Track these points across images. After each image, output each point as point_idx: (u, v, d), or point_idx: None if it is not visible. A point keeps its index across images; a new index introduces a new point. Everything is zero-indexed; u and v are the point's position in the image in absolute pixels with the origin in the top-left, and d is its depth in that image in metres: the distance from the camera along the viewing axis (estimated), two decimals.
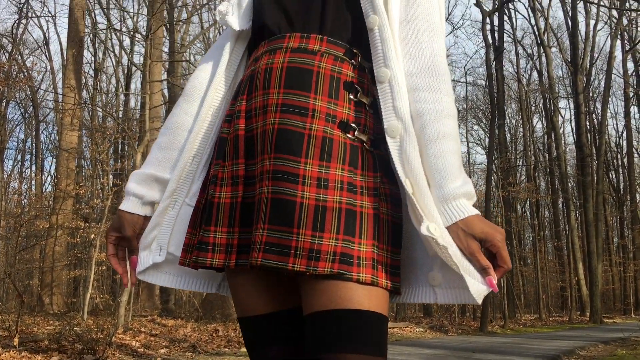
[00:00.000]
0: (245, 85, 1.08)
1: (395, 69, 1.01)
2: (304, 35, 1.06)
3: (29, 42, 21.07)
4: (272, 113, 1.00)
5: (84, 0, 13.38)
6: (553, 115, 21.20)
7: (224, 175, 1.04)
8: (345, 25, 1.07)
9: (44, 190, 21.16)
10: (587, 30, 19.95)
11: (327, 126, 0.99)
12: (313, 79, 1.02)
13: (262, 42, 1.10)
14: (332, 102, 1.01)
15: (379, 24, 1.03)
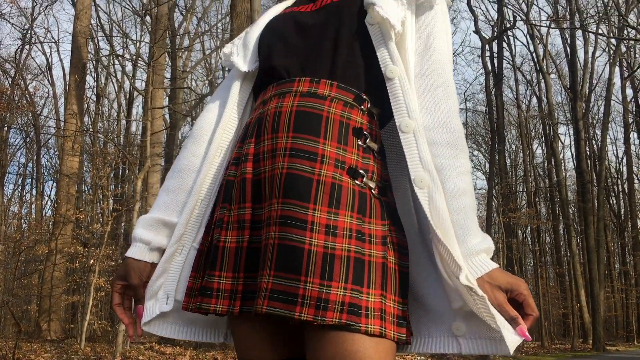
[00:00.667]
0: (253, 128, 1.07)
1: (419, 120, 1.02)
2: (314, 80, 1.06)
3: (31, 67, 21.23)
4: (280, 157, 0.99)
5: (87, 27, 13.52)
6: (553, 141, 21.26)
7: (230, 219, 1.02)
8: (355, 71, 1.07)
9: (44, 214, 21.12)
10: (586, 57, 20.11)
11: (336, 172, 0.98)
12: (322, 124, 1.01)
13: (271, 85, 1.10)
14: (341, 147, 1.01)
15: (399, 75, 1.04)
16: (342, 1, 1.13)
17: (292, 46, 1.10)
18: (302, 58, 1.08)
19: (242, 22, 10.02)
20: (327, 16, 1.11)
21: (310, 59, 1.08)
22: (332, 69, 1.07)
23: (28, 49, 19.48)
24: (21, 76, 18.96)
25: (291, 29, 1.13)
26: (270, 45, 1.13)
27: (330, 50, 1.07)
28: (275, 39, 1.13)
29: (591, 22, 18.49)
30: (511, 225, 17.65)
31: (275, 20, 1.19)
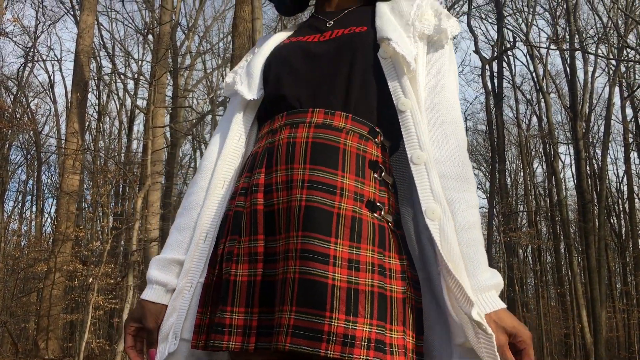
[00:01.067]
0: (262, 158, 1.05)
1: (430, 152, 1.02)
2: (328, 112, 1.05)
3: (34, 84, 21.34)
4: (298, 189, 0.97)
5: (89, 46, 13.60)
6: (553, 160, 21.28)
7: (241, 252, 0.99)
8: (369, 104, 1.07)
9: (43, 231, 21.07)
10: (586, 77, 20.19)
11: (355, 205, 0.97)
12: (340, 157, 1.00)
13: (279, 114, 1.08)
14: (359, 180, 1.00)
15: (411, 108, 1.04)
16: (353, 34, 1.13)
17: (303, 76, 1.10)
18: (315, 88, 1.08)
19: (244, 42, 10.07)
20: (339, 48, 1.11)
21: (324, 90, 1.07)
22: (346, 101, 1.06)
23: (30, 66, 19.59)
24: (23, 94, 19.05)
25: (300, 59, 1.12)
26: (278, 73, 1.12)
27: (344, 82, 1.07)
28: (283, 68, 1.12)
29: (591, 43, 18.60)
30: (512, 244, 17.60)
31: (280, 49, 1.18)
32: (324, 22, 1.21)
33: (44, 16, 18.61)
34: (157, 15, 15.66)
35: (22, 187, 22.56)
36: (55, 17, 19.20)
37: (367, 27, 1.14)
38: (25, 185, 22.49)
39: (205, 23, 22.25)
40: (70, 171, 11.21)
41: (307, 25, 1.23)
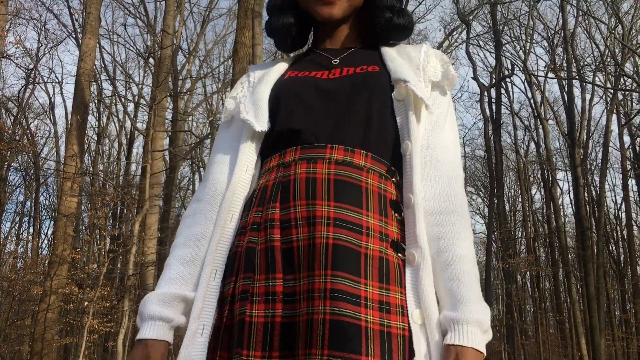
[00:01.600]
0: (275, 192, 1.02)
1: (419, 195, 1.01)
2: (348, 149, 1.04)
3: (34, 106, 21.43)
4: (322, 226, 0.94)
5: (91, 69, 13.69)
6: (551, 186, 21.31)
7: (256, 291, 0.94)
8: (386, 142, 1.07)
9: (40, 253, 20.97)
10: (583, 105, 20.34)
11: (382, 245, 0.96)
12: (363, 195, 0.99)
13: (291, 148, 1.06)
14: (383, 220, 0.99)
15: (411, 151, 1.04)
16: (367, 73, 1.13)
17: (319, 111, 1.09)
18: (333, 125, 1.07)
19: (244, 67, 10.12)
20: (355, 86, 1.11)
21: (342, 126, 1.06)
22: (365, 139, 1.06)
23: (31, 88, 19.69)
24: (23, 115, 19.12)
25: (313, 94, 1.11)
26: (290, 107, 1.11)
27: (362, 120, 1.07)
28: (295, 102, 1.11)
29: (588, 71, 18.76)
30: (510, 271, 17.53)
31: (288, 82, 1.17)
32: (328, 59, 1.20)
33: (46, 39, 18.74)
34: (158, 39, 15.80)
35: (19, 209, 22.52)
36: (58, 40, 19.33)
37: (379, 68, 1.14)
38: (23, 206, 22.45)
39: (206, 47, 22.44)
40: (69, 193, 11.19)
41: (309, 60, 1.22)
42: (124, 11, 18.79)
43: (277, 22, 1.22)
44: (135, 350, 1.00)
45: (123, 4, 17.95)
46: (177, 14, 15.70)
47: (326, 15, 1.16)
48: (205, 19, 20.02)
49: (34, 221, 21.42)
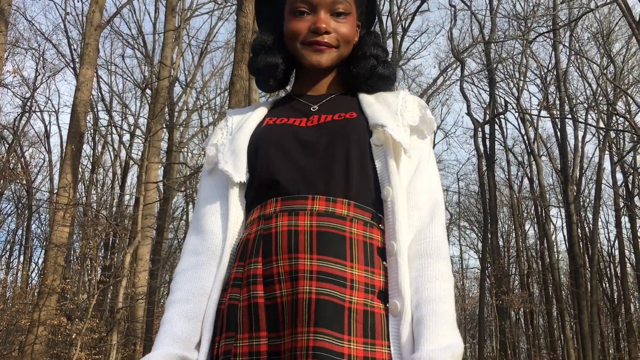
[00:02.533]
0: (257, 246, 1.00)
1: (402, 242, 1.00)
2: (330, 199, 1.03)
3: (29, 134, 21.45)
4: (305, 280, 0.93)
5: (87, 99, 13.75)
6: (545, 222, 21.34)
7: (239, 351, 0.93)
8: (369, 189, 1.06)
9: (29, 281, 20.72)
10: (576, 142, 20.51)
11: (367, 298, 0.95)
12: (347, 246, 0.98)
13: (272, 199, 1.04)
14: (369, 270, 0.98)
15: (393, 197, 1.03)
16: (345, 120, 1.12)
17: (298, 162, 1.07)
18: (313, 175, 1.05)
19: (240, 100, 10.19)
20: (333, 135, 1.10)
21: (322, 177, 1.05)
22: (346, 188, 1.04)
23: (27, 117, 19.72)
24: (18, 143, 19.11)
25: (293, 144, 1.10)
26: (270, 157, 1.09)
27: (342, 170, 1.05)
28: (275, 152, 1.10)
29: (581, 110, 18.98)
30: (504, 307, 17.42)
31: (267, 130, 1.15)
32: (307, 105, 1.20)
33: (44, 68, 18.83)
34: (156, 70, 15.93)
35: (10, 237, 22.33)
36: (55, 70, 19.40)
37: (357, 114, 1.14)
38: (15, 234, 22.28)
39: (203, 78, 22.60)
40: (61, 223, 11.12)
41: (288, 107, 1.22)
42: (122, 42, 18.94)
43: (262, 61, 1.21)
44: None
45: (122, 35, 18.13)
46: (175, 46, 15.86)
47: (315, 62, 1.16)
48: (203, 51, 20.24)
49: (24, 250, 21.24)
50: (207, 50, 20.54)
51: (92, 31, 13.11)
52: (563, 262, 25.03)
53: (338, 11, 1.16)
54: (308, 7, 1.16)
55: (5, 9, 13.52)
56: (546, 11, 15.13)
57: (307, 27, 1.16)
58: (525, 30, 15.54)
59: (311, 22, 1.16)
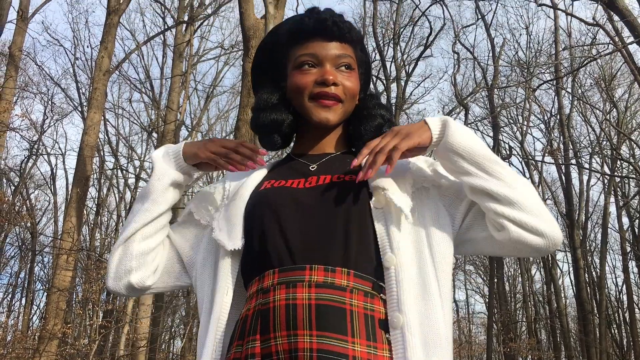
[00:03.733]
0: (254, 322, 0.97)
1: (409, 314, 0.96)
2: (328, 269, 0.99)
3: (36, 176, 21.56)
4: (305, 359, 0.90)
5: (94, 143, 13.88)
6: (551, 267, 21.13)
7: None
8: (369, 257, 1.02)
9: (30, 325, 20.50)
10: (581, 186, 20.50)
11: None
12: (347, 319, 0.94)
13: (269, 270, 1.01)
14: (371, 346, 0.94)
15: (396, 265, 1.00)
16: (343, 182, 1.09)
17: (296, 229, 1.03)
18: (311, 244, 1.02)
19: None
20: (331, 198, 1.06)
21: (321, 245, 1.01)
22: (346, 256, 1.00)
23: (34, 159, 19.87)
24: (24, 186, 19.19)
25: (290, 209, 1.06)
26: (266, 225, 1.06)
27: (341, 236, 1.01)
28: (270, 219, 1.06)
29: (585, 154, 19.01)
30: (512, 354, 17.09)
31: (264, 194, 1.12)
32: (305, 165, 1.18)
33: (52, 111, 19.07)
34: (162, 113, 16.11)
35: (13, 279, 22.21)
36: (63, 113, 19.64)
37: (355, 175, 1.11)
38: (17, 276, 22.16)
39: (209, 122, 22.82)
40: (64, 267, 11.07)
41: (287, 167, 1.20)
42: (130, 86, 19.21)
43: (268, 117, 1.19)
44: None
45: (130, 79, 18.40)
46: (182, 90, 16.08)
47: (323, 119, 1.16)
48: (209, 95, 20.49)
49: (26, 292, 21.09)
50: (213, 94, 20.80)
51: (100, 76, 13.31)
52: (571, 308, 24.68)
53: (343, 65, 1.17)
54: (314, 61, 1.16)
55: (15, 54, 13.78)
56: (549, 59, 15.33)
57: (313, 80, 1.15)
58: (528, 76, 15.73)
59: (318, 75, 1.15)
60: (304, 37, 1.18)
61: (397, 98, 13.81)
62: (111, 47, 13.48)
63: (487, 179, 1.02)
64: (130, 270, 1.11)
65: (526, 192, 1.03)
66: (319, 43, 1.16)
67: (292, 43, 1.20)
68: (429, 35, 13.55)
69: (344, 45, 1.18)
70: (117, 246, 1.14)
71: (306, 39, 1.17)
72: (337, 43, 1.17)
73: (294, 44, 1.20)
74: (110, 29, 13.34)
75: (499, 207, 1.00)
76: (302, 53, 1.17)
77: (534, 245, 1.02)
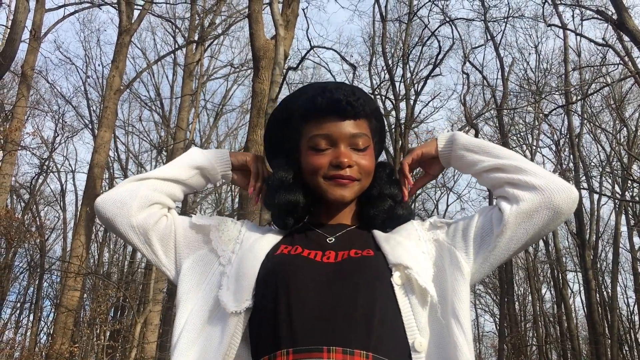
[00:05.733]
0: None
1: None
2: (347, 351, 0.94)
3: (45, 192, 21.67)
4: None
5: (104, 161, 13.95)
6: (562, 287, 20.92)
7: None
8: (389, 339, 0.98)
9: (38, 341, 20.48)
10: (592, 206, 20.34)
11: None
12: None
13: (283, 351, 0.96)
14: None
15: (425, 348, 0.98)
16: (362, 259, 1.06)
17: (313, 307, 0.99)
18: (329, 324, 0.97)
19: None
20: (350, 275, 1.03)
21: (340, 326, 0.97)
22: (366, 338, 0.96)
23: (44, 176, 19.99)
24: (34, 202, 19.28)
25: (307, 283, 1.02)
26: (282, 298, 1.02)
27: (362, 317, 0.98)
28: (287, 291, 1.02)
29: (595, 174, 18.89)
30: None
31: (281, 262, 1.08)
32: (323, 236, 1.15)
33: (63, 129, 19.21)
34: (172, 131, 16.19)
35: (21, 295, 22.25)
36: (74, 130, 19.78)
37: (373, 251, 1.09)
38: (26, 292, 22.19)
39: (218, 139, 22.89)
40: (72, 287, 11.08)
41: (304, 236, 1.17)
42: (140, 104, 19.33)
43: (283, 198, 1.17)
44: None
45: (140, 97, 18.52)
46: (191, 108, 16.17)
47: (339, 197, 1.14)
48: (218, 112, 20.57)
49: (35, 309, 21.11)
50: (222, 112, 20.88)
51: (111, 95, 13.40)
52: (582, 328, 24.39)
53: (358, 146, 1.15)
54: (328, 142, 1.14)
55: (28, 73, 13.91)
56: (558, 79, 15.30)
57: (328, 161, 1.14)
58: (538, 96, 15.70)
59: (332, 157, 1.13)
60: (317, 116, 1.16)
61: (406, 117, 13.80)
62: (122, 66, 13.58)
63: (497, 159, 1.15)
64: (130, 202, 1.15)
65: (525, 161, 1.15)
66: (333, 123, 1.14)
67: (305, 120, 1.18)
68: (437, 54, 13.56)
69: (359, 122, 1.16)
70: (127, 181, 1.19)
71: (320, 117, 1.16)
72: (351, 121, 1.15)
73: (307, 121, 1.18)
74: (122, 48, 13.45)
75: (509, 176, 1.11)
76: (316, 133, 1.15)
77: (540, 203, 1.09)
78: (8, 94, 16.44)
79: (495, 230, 1.08)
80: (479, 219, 1.13)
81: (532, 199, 1.07)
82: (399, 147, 13.08)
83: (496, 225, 1.09)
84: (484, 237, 1.09)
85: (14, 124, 13.32)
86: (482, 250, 1.09)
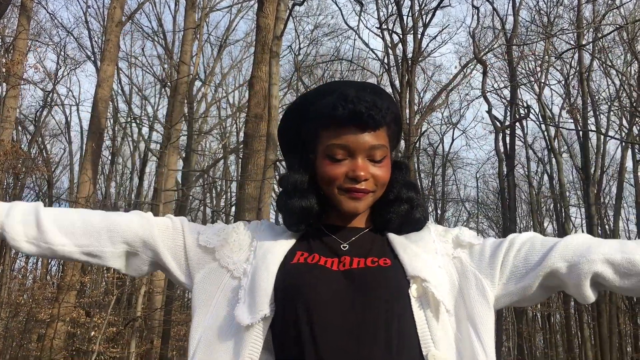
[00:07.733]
0: None
1: None
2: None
3: (50, 124, 21.64)
4: None
5: (107, 94, 13.83)
6: (564, 222, 21.12)
7: None
8: (407, 353, 1.01)
9: (49, 269, 21.02)
10: (598, 143, 20.22)
11: None
12: None
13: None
14: None
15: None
16: (379, 270, 1.06)
17: (330, 322, 1.00)
18: (352, 337, 0.99)
19: (259, 101, 10.18)
20: (369, 287, 1.04)
21: (363, 339, 0.99)
22: (386, 351, 0.98)
23: (49, 109, 19.90)
24: (40, 135, 19.31)
25: (325, 295, 1.03)
26: (300, 314, 1.04)
27: (382, 330, 0.99)
28: (305, 307, 1.03)
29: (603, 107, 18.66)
30: (521, 307, 17.34)
31: (296, 273, 1.08)
32: (337, 242, 1.14)
33: (65, 61, 18.95)
34: (175, 64, 15.95)
35: None
36: (77, 63, 19.51)
37: (391, 260, 1.08)
38: None
39: (222, 71, 22.58)
40: None
41: (318, 240, 1.16)
42: (143, 35, 18.97)
43: (296, 204, 1.14)
44: None
45: (142, 28, 18.16)
46: (194, 40, 15.86)
47: (352, 209, 1.12)
48: (222, 45, 20.21)
49: None
50: (226, 44, 20.50)
51: (113, 27, 13.12)
52: None
53: (375, 158, 1.12)
54: (346, 153, 1.11)
55: (27, 4, 13.58)
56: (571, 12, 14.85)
57: (344, 172, 1.11)
58: (549, 26, 15.30)
59: (349, 168, 1.11)
60: (336, 125, 1.12)
61: (414, 51, 13.51)
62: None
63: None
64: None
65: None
66: (352, 135, 1.10)
67: (323, 126, 1.14)
68: None
69: (378, 132, 1.12)
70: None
71: (339, 126, 1.11)
72: (370, 132, 1.11)
73: (325, 127, 1.14)
74: None
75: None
76: (334, 143, 1.11)
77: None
78: (8, 23, 16.13)
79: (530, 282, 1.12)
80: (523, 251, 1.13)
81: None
82: (405, 82, 12.88)
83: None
84: (511, 279, 1.13)
85: (16, 56, 13.13)
86: (510, 282, 1.12)
